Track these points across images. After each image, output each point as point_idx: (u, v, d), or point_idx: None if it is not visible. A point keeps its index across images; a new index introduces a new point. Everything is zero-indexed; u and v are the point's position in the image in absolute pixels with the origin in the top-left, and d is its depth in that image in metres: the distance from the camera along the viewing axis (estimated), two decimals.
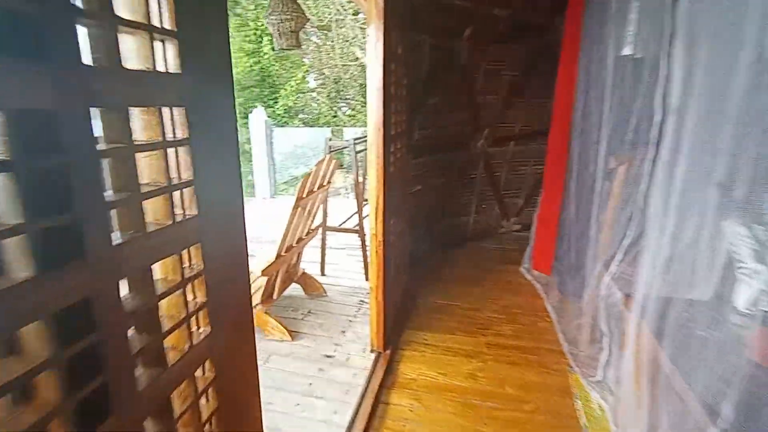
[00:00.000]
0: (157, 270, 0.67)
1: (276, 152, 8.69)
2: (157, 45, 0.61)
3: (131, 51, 0.58)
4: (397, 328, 2.58)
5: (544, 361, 2.30)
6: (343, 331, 2.65)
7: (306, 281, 3.08)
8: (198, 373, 0.74)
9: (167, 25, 0.61)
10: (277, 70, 10.06)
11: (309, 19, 3.30)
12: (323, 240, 3.42)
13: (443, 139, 3.55)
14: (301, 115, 10.69)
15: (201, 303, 0.73)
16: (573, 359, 2.25)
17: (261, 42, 9.72)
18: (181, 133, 0.65)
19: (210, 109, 0.71)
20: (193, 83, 0.66)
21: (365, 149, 2.43)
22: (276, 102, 9.95)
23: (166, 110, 0.64)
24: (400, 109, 2.38)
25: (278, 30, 2.69)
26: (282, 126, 9.55)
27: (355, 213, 3.51)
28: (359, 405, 1.97)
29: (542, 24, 3.36)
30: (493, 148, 3.92)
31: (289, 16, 2.62)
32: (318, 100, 10.70)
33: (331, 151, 3.15)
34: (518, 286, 3.18)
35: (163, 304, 0.67)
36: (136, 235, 0.58)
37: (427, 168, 3.36)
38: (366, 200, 2.97)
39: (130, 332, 0.59)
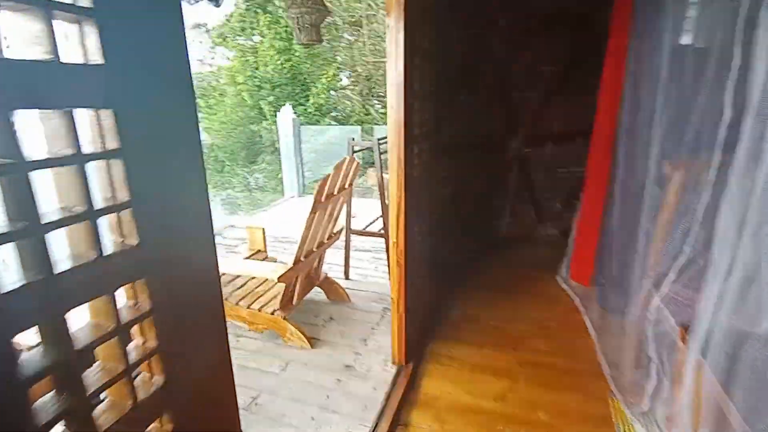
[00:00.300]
0: (89, 313, 0.57)
1: (307, 150, 8.72)
2: (71, 29, 0.49)
3: (19, 34, 0.47)
4: (421, 339, 2.44)
5: (582, 384, 2.10)
6: (365, 340, 2.53)
7: (328, 286, 2.98)
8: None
9: (82, 1, 0.49)
10: (308, 67, 10.06)
11: (330, 13, 3.19)
12: (347, 243, 3.32)
13: (475, 139, 3.36)
14: (333, 113, 10.67)
15: (150, 349, 0.61)
16: (614, 384, 2.03)
17: (292, 40, 9.75)
18: (110, 143, 0.54)
19: (155, 111, 0.59)
20: (123, 79, 0.53)
21: None
22: (307, 100, 9.96)
23: (85, 114, 0.52)
24: (426, 107, 2.22)
25: (298, 24, 2.60)
26: (313, 124, 9.56)
27: (380, 216, 3.38)
28: (376, 424, 1.85)
29: (586, 13, 3.10)
30: (529, 148, 3.70)
31: (308, 10, 2.52)
32: (350, 97, 10.65)
33: (354, 152, 3.03)
34: (554, 297, 2.96)
35: (99, 353, 0.56)
36: (37, 276, 0.46)
37: (457, 169, 3.19)
38: None
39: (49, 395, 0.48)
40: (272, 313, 2.45)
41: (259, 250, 3.11)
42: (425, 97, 2.17)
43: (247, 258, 2.95)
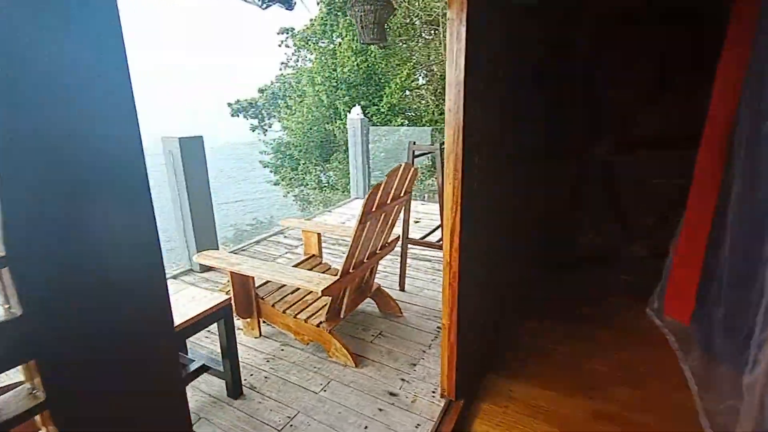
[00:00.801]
0: None
1: (377, 150, 8.67)
2: None
3: None
4: (477, 370, 2.16)
5: None
6: (414, 364, 2.31)
7: (380, 298, 2.81)
8: None
9: None
10: (383, 68, 10.01)
11: (396, 10, 2.99)
12: (403, 253, 3.11)
13: (554, 144, 2.97)
14: (407, 113, 10.53)
15: None
16: None
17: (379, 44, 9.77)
18: None
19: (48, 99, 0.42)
20: None
21: None
22: (381, 100, 9.92)
23: None
24: (492, 109, 1.94)
25: (361, 22, 2.44)
26: (384, 124, 9.49)
27: (440, 226, 3.13)
28: None
29: (691, 4, 2.58)
30: (617, 155, 3.20)
31: (371, 7, 2.35)
32: (424, 97, 10.43)
33: (415, 156, 2.82)
34: (643, 334, 2.49)
35: None
36: None
37: (528, 178, 2.84)
38: None
39: None
40: (318, 325, 2.33)
41: (314, 255, 3.02)
42: (491, 97, 1.89)
43: (300, 263, 2.88)
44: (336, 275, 2.16)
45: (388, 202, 2.26)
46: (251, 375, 2.25)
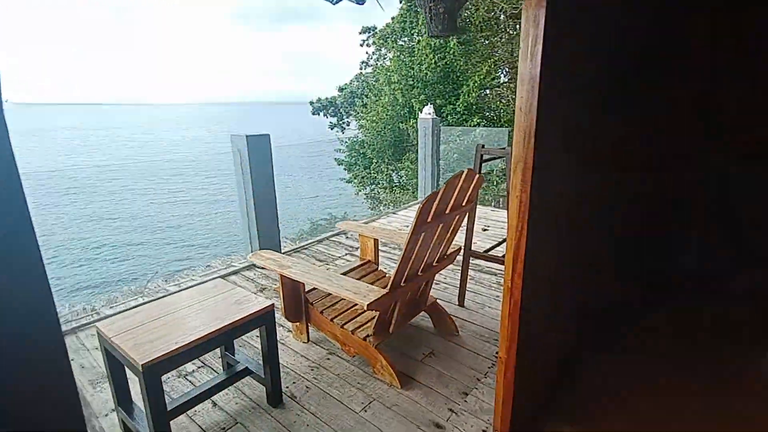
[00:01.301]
0: None
1: (450, 151, 8.38)
2: None
3: None
4: (538, 414, 1.86)
5: None
6: (466, 394, 2.07)
7: (436, 314, 2.59)
8: None
9: None
10: (461, 65, 9.64)
11: (467, 1, 2.73)
12: (464, 266, 2.86)
13: (652, 150, 2.52)
14: (485, 112, 10.07)
15: None
16: None
17: (448, 37, 9.45)
18: None
19: None
20: None
21: None
22: (457, 99, 9.58)
23: None
24: (573, 109, 1.63)
25: (430, 13, 2.24)
26: (460, 124, 9.13)
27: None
28: None
29: None
30: (738, 164, 2.65)
31: None
32: (505, 96, 9.88)
33: (483, 160, 2.55)
34: (755, 389, 2.00)
35: None
36: None
37: (616, 189, 2.43)
38: None
39: None
40: (365, 339, 2.19)
41: (369, 261, 2.89)
42: (575, 95, 1.59)
43: (353, 269, 2.77)
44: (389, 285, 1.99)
45: (447, 212, 2.04)
46: (294, 383, 2.17)
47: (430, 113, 5.29)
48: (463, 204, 2.17)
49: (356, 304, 2.43)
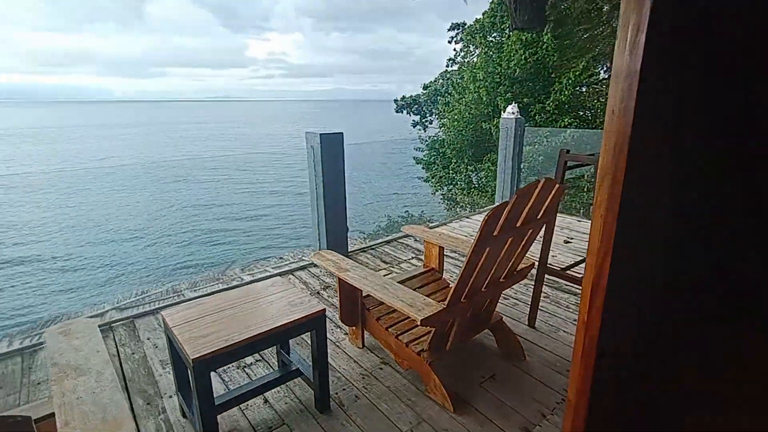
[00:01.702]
0: None
1: (535, 153, 7.83)
2: None
3: None
4: None
5: None
6: (527, 431, 1.85)
7: (501, 333, 2.37)
8: None
9: None
10: (555, 60, 8.95)
11: None
12: (538, 281, 2.58)
13: None
14: (579, 112, 9.28)
15: None
16: None
17: (541, 31, 8.82)
18: None
19: None
20: None
21: None
22: (547, 97, 8.92)
23: None
24: (680, 107, 1.33)
25: (514, 3, 2.01)
26: (549, 125, 8.50)
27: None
28: None
29: None
30: None
31: None
32: (604, 94, 9.00)
33: (567, 167, 2.26)
34: None
35: None
36: None
37: (738, 202, 1.99)
38: None
39: None
40: (419, 354, 2.05)
41: (432, 269, 2.75)
42: (682, 91, 1.29)
43: (413, 276, 2.64)
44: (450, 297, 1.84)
45: (518, 225, 1.82)
46: (343, 389, 2.12)
47: (513, 112, 4.94)
48: (539, 216, 1.93)
49: None
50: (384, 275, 2.99)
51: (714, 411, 1.78)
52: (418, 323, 1.77)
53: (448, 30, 14.75)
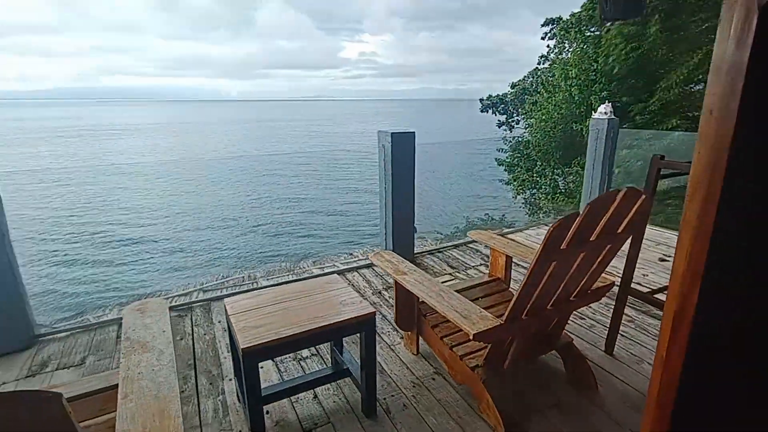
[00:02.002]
0: None
1: (633, 158, 7.06)
2: None
3: None
4: None
5: None
6: None
7: (571, 358, 2.14)
8: None
9: None
10: (662, 55, 7.99)
11: None
12: (620, 303, 2.29)
13: None
14: (689, 113, 8.19)
15: None
16: None
17: (648, 23, 7.92)
18: None
19: None
20: None
21: None
22: (651, 96, 8.00)
23: None
24: None
25: None
26: (651, 127, 7.61)
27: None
28: None
29: None
30: None
31: None
32: None
33: (660, 176, 1.96)
34: None
35: None
36: None
37: None
38: None
39: None
40: (473, 369, 1.93)
41: (498, 279, 2.58)
42: None
43: (474, 285, 2.50)
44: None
45: (593, 239, 1.61)
46: (392, 396, 2.07)
47: (606, 112, 4.48)
48: (619, 231, 1.70)
49: None
50: (446, 281, 2.88)
51: None
52: (471, 337, 1.65)
53: (542, 26, 13.94)
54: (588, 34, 10.19)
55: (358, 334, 1.84)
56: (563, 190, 10.12)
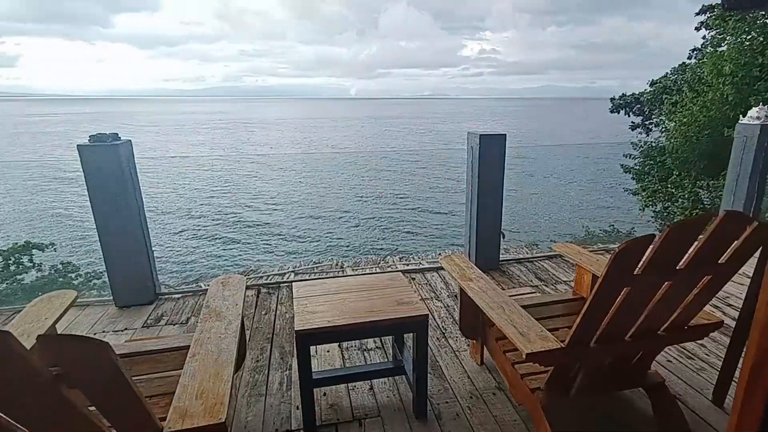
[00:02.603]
0: None
1: None
2: None
3: None
4: None
5: None
6: None
7: (662, 401, 1.84)
8: None
9: None
10: None
11: None
12: (734, 348, 1.89)
13: None
14: None
15: None
16: None
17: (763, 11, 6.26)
18: None
19: None
20: None
21: None
22: None
23: None
24: None
25: None
26: None
27: None
28: None
29: None
30: None
31: None
32: None
33: None
34: None
35: None
36: None
37: None
38: None
39: None
40: (533, 391, 1.79)
41: (582, 298, 2.33)
42: None
43: (560, 301, 2.30)
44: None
45: (681, 266, 1.36)
46: (446, 402, 2.02)
47: (760, 117, 3.67)
48: (722, 261, 1.40)
49: None
50: (526, 294, 2.70)
51: None
52: (523, 356, 1.53)
53: (696, 14, 12.00)
54: (756, 22, 8.45)
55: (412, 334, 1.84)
56: (706, 206, 8.62)
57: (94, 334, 2.59)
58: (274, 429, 1.88)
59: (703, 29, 11.50)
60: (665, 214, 9.51)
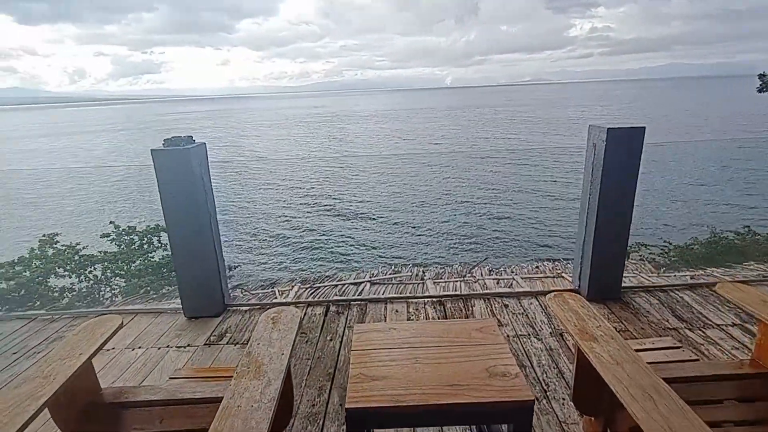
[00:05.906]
0: None
1: None
2: None
3: None
4: None
5: None
6: None
7: None
8: None
9: None
10: None
11: None
12: None
13: None
14: None
15: None
16: None
17: None
18: None
19: None
20: None
21: None
22: None
23: None
24: None
25: None
26: None
27: None
28: None
29: None
30: None
31: None
32: None
33: None
34: None
35: None
36: None
37: None
38: None
39: None
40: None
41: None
42: None
43: (722, 376, 1.58)
44: None
45: None
46: None
47: None
48: None
49: None
50: (671, 348, 1.98)
51: None
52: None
53: None
54: None
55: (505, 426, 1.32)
56: None
57: (158, 348, 2.49)
58: None
59: None
60: None
